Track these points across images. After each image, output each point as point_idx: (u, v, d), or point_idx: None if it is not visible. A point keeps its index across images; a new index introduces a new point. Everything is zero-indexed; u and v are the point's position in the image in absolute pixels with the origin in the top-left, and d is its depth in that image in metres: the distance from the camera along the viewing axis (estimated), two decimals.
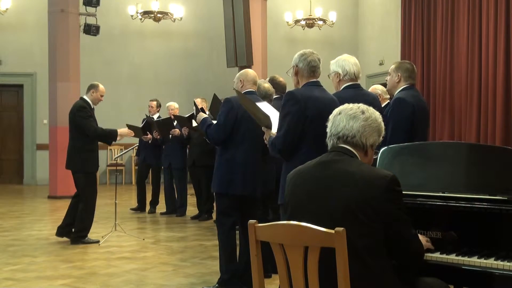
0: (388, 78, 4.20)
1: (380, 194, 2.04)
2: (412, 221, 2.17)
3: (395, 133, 3.77)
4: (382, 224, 2.04)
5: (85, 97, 6.20)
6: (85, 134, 6.04)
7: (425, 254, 2.32)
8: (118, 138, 6.24)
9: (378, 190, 2.04)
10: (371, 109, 2.27)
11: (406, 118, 3.84)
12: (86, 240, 6.12)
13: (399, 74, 4.08)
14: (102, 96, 6.23)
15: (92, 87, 6.19)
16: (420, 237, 2.37)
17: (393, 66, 4.17)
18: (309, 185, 2.19)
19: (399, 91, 4.05)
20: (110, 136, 6.19)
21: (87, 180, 6.12)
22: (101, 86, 6.22)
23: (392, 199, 2.06)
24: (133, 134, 6.60)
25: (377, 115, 2.26)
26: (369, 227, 2.03)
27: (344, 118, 2.22)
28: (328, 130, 2.28)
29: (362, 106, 2.26)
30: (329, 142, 2.28)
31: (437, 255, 2.43)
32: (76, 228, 6.15)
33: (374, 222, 2.03)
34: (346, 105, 2.28)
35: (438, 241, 2.49)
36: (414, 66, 4.23)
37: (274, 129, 3.44)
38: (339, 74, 3.66)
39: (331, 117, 2.29)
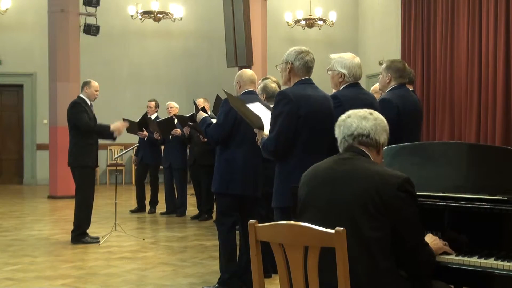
0: (379, 77, 4.17)
1: (392, 191, 2.10)
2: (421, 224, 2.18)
3: None
4: (390, 221, 2.08)
5: (81, 95, 6.29)
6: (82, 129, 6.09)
7: (434, 257, 2.31)
8: (115, 134, 6.23)
9: (391, 188, 2.10)
10: (376, 112, 2.39)
11: (390, 120, 3.79)
12: (85, 240, 6.11)
13: (389, 74, 4.02)
14: (96, 91, 6.31)
15: (85, 84, 6.30)
16: (438, 240, 2.39)
17: (384, 65, 4.10)
18: (325, 178, 2.25)
19: (387, 92, 4.02)
20: (102, 132, 6.22)
21: (85, 176, 6.12)
22: (93, 82, 6.31)
23: (403, 199, 2.11)
24: (127, 125, 6.52)
25: (382, 117, 2.39)
26: (379, 221, 2.07)
27: (355, 119, 2.31)
28: (339, 135, 2.35)
29: (368, 109, 2.38)
30: (342, 145, 2.34)
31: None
32: (74, 226, 6.15)
33: (384, 217, 2.08)
34: (352, 110, 2.37)
35: None
36: (406, 64, 4.17)
37: (267, 130, 3.38)
38: (345, 75, 3.53)
39: (339, 122, 2.37)
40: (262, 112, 3.56)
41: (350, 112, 2.37)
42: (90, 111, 6.20)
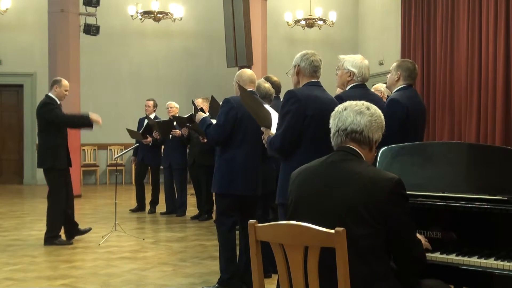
0: (388, 75, 4.19)
1: (385, 196, 2.04)
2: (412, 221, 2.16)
3: (386, 134, 3.74)
4: (385, 225, 2.04)
5: (49, 94, 6.17)
6: (53, 130, 6.02)
7: (425, 254, 2.31)
8: (94, 125, 6.08)
9: (383, 192, 2.04)
10: (374, 106, 2.29)
11: (398, 120, 3.79)
12: (58, 242, 6.02)
13: (399, 72, 4.05)
14: (66, 91, 6.19)
15: (55, 83, 6.17)
16: (419, 236, 2.38)
17: (394, 64, 4.15)
18: (316, 183, 2.19)
19: (395, 91, 4.03)
20: (79, 120, 6.11)
21: (55, 178, 6.04)
22: (64, 81, 6.20)
23: (396, 202, 2.07)
24: (100, 121, 6.17)
25: (380, 112, 2.29)
26: (372, 227, 2.03)
27: (351, 113, 2.22)
28: (333, 126, 2.27)
29: (365, 103, 2.28)
30: (335, 139, 2.26)
31: (437, 255, 2.43)
32: (47, 228, 6.08)
33: (378, 224, 2.03)
34: (349, 102, 2.28)
35: (438, 241, 2.49)
36: (416, 65, 4.20)
37: (273, 129, 3.43)
38: (354, 74, 3.64)
39: (335, 113, 2.28)
40: (270, 113, 3.59)
41: (347, 103, 2.28)
42: (60, 110, 6.09)
